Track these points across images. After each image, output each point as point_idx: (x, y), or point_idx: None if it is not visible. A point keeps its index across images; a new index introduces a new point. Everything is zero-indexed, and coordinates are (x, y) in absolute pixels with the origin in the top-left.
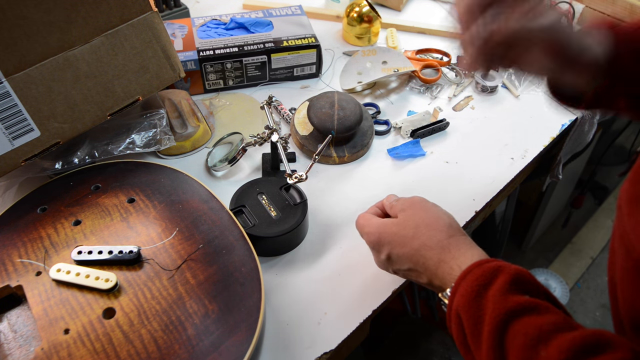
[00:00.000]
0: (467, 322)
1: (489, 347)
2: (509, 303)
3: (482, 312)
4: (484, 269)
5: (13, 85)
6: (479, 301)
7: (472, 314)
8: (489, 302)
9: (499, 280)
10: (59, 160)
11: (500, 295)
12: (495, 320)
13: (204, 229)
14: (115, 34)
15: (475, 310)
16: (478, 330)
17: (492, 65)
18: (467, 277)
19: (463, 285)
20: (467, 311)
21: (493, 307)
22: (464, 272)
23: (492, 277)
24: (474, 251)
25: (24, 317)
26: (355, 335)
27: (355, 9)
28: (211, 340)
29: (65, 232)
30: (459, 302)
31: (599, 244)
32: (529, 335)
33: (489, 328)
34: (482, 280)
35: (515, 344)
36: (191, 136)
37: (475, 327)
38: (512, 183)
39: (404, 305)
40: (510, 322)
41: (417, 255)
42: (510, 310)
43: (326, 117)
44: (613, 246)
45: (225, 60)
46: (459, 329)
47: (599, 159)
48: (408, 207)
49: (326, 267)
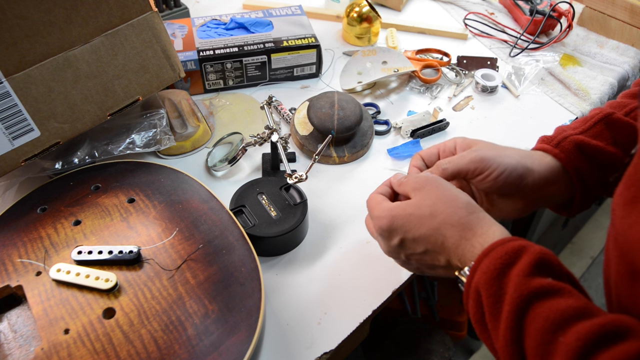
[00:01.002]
0: (487, 300)
1: (507, 327)
2: (532, 284)
3: (503, 291)
4: (507, 248)
5: (13, 85)
6: (501, 280)
7: (493, 292)
8: (511, 282)
9: (522, 261)
10: (59, 160)
11: (524, 276)
12: (516, 301)
13: (204, 229)
14: (115, 34)
15: (497, 288)
16: (497, 309)
17: None
18: (490, 255)
19: (485, 262)
20: (489, 289)
21: (515, 287)
22: (486, 249)
23: (516, 256)
24: (496, 228)
25: (24, 317)
26: (355, 335)
27: (355, 9)
28: (211, 340)
29: (65, 232)
30: (480, 278)
31: (599, 244)
32: (550, 319)
33: (509, 308)
34: (505, 259)
35: (534, 326)
36: (191, 136)
37: (495, 306)
38: None
39: (404, 305)
40: (532, 304)
41: (435, 235)
42: (532, 292)
43: (326, 117)
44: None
45: (225, 60)
46: (477, 305)
47: None
48: (422, 187)
49: (326, 267)
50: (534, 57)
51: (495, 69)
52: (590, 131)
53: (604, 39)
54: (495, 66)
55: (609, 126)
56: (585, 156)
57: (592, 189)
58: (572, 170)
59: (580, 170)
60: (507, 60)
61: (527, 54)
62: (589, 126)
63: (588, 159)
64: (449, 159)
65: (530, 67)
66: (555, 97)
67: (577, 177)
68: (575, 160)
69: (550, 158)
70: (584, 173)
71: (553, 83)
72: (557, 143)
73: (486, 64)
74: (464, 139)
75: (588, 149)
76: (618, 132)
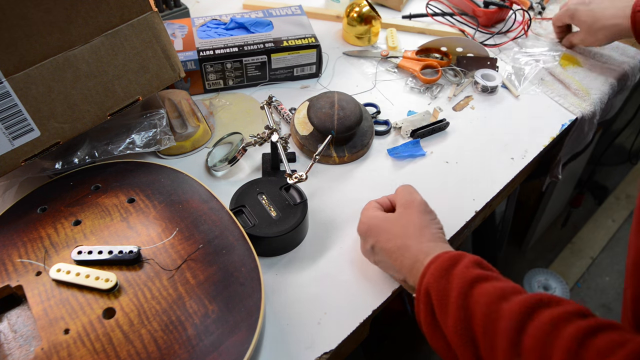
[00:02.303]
0: (436, 296)
1: (456, 309)
2: (473, 273)
3: (450, 284)
4: (449, 255)
5: (13, 85)
6: (446, 277)
7: (441, 287)
8: (456, 276)
9: (463, 261)
10: (59, 160)
11: (465, 269)
12: (462, 286)
13: (204, 229)
14: (115, 34)
15: (444, 283)
16: (445, 300)
17: None
18: (436, 262)
19: (432, 267)
20: (437, 286)
21: (460, 277)
22: (432, 259)
23: (457, 259)
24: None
25: (24, 317)
26: (355, 335)
27: (355, 9)
28: (211, 340)
29: (65, 232)
30: (428, 280)
31: (599, 244)
32: (492, 294)
33: (455, 293)
34: (449, 262)
35: (480, 301)
36: (191, 136)
37: (443, 299)
38: (512, 183)
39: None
40: (475, 285)
41: (397, 252)
42: (474, 277)
43: (326, 117)
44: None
45: (225, 60)
46: (427, 308)
47: (599, 158)
48: (408, 206)
49: (326, 267)
50: (533, 56)
51: (495, 69)
52: None
53: None
54: (495, 66)
55: None
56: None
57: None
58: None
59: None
60: (507, 61)
61: (527, 54)
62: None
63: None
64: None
65: (530, 67)
66: (555, 97)
67: None
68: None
69: None
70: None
71: (553, 83)
72: None
73: (486, 64)
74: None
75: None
76: None
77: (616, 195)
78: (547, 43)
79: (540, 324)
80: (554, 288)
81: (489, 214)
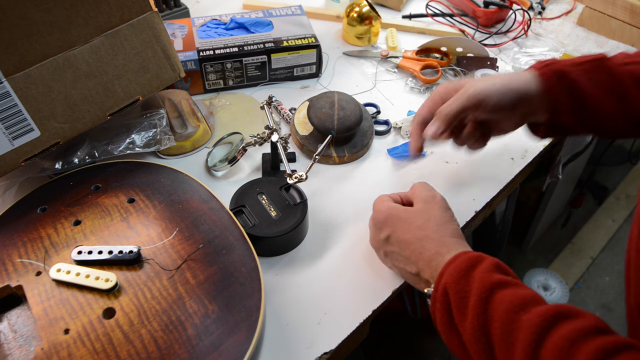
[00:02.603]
0: (454, 296)
1: (475, 314)
2: (494, 278)
3: (469, 287)
4: (469, 256)
5: (13, 85)
6: (466, 278)
7: (460, 288)
8: (475, 279)
9: (483, 264)
10: (59, 160)
11: (486, 273)
12: (481, 290)
13: (204, 229)
14: (115, 34)
15: (463, 285)
16: (464, 303)
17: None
18: (455, 262)
19: (451, 267)
20: (456, 287)
21: (479, 281)
22: (451, 259)
23: (477, 261)
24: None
25: (24, 317)
26: (355, 335)
27: (355, 9)
28: (211, 340)
29: (65, 232)
30: (447, 280)
31: (599, 244)
32: (512, 302)
33: (475, 298)
34: (468, 263)
35: (500, 309)
36: (191, 136)
37: (462, 301)
38: (512, 183)
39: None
40: (495, 291)
41: (416, 244)
42: (495, 283)
43: (326, 117)
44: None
45: (225, 60)
46: (444, 307)
47: (599, 159)
48: (428, 201)
49: (326, 267)
50: (533, 57)
51: (495, 69)
52: (580, 66)
53: (604, 39)
54: (495, 66)
55: (598, 68)
56: (564, 85)
57: (562, 114)
58: (547, 93)
59: (556, 95)
60: (507, 61)
61: (527, 54)
62: (581, 62)
63: (566, 87)
64: (447, 104)
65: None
66: None
67: (551, 100)
68: (554, 85)
69: (535, 78)
70: (558, 98)
71: None
72: (544, 66)
73: (486, 64)
74: (449, 82)
75: (569, 80)
76: (604, 75)
77: (616, 195)
78: (547, 43)
79: (558, 340)
80: (553, 288)
81: (489, 214)
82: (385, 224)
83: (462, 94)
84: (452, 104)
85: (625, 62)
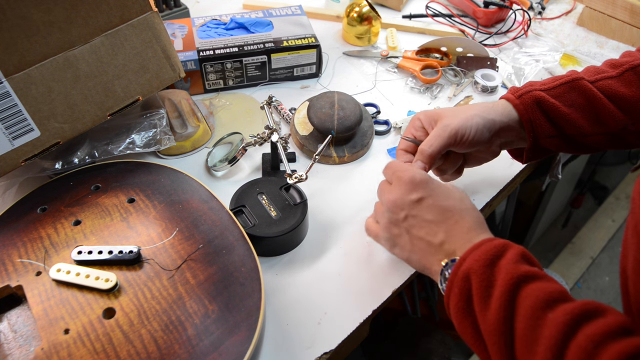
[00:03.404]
0: (478, 285)
1: (500, 306)
2: (521, 269)
3: (494, 277)
4: (495, 243)
5: (13, 85)
6: (491, 268)
7: (485, 277)
8: (502, 269)
9: (509, 253)
10: (59, 160)
11: (513, 264)
12: (508, 282)
13: (204, 229)
14: (115, 34)
15: (489, 275)
16: (488, 292)
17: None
18: (480, 248)
19: (476, 253)
20: (480, 275)
21: (506, 272)
22: (476, 244)
23: (503, 250)
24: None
25: (24, 317)
26: (355, 335)
27: (355, 9)
28: (211, 340)
29: (65, 232)
30: (470, 265)
31: (599, 244)
32: (540, 298)
33: (501, 289)
34: (494, 251)
35: (526, 304)
36: (191, 136)
37: (486, 290)
38: (512, 183)
39: (404, 305)
40: (522, 285)
41: (454, 212)
42: (522, 275)
43: (326, 117)
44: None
45: (225, 60)
46: (463, 293)
47: (599, 159)
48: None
49: (326, 267)
50: (533, 56)
51: (495, 69)
52: (554, 90)
53: (604, 39)
54: (495, 66)
55: (571, 89)
56: (541, 111)
57: (541, 140)
58: (526, 121)
59: (534, 122)
60: (507, 60)
61: (527, 54)
62: (555, 85)
63: (543, 113)
64: (429, 143)
65: (530, 67)
66: None
67: (529, 128)
68: (531, 113)
69: (511, 108)
70: (536, 126)
71: None
72: (520, 95)
73: (486, 64)
74: (425, 114)
75: (545, 105)
76: (578, 96)
77: (616, 195)
78: (547, 43)
79: (582, 341)
80: None
81: (489, 214)
82: (422, 185)
83: (443, 132)
84: (433, 143)
85: (595, 78)
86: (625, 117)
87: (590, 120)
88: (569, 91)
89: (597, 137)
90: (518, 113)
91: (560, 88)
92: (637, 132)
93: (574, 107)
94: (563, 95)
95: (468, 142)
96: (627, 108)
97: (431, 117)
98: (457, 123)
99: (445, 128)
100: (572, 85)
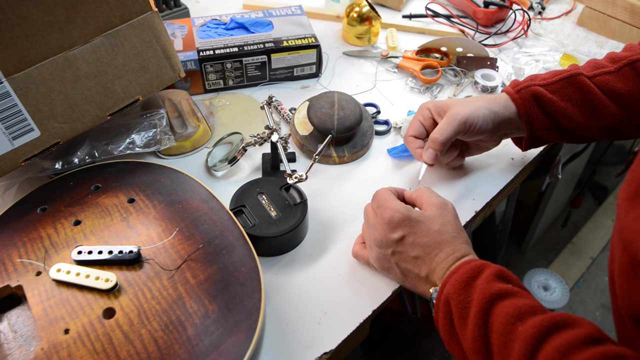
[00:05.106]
0: (456, 307)
1: (475, 325)
2: (494, 288)
3: (470, 298)
4: (472, 265)
5: (13, 85)
6: (467, 290)
7: (461, 299)
8: (477, 289)
9: (485, 273)
10: (59, 160)
11: (486, 283)
12: (481, 302)
13: (204, 229)
14: (115, 34)
15: (465, 296)
16: (465, 313)
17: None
18: (458, 272)
19: (454, 277)
20: (457, 297)
21: (480, 292)
22: (454, 269)
23: (479, 271)
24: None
25: (24, 317)
26: (355, 335)
27: (355, 9)
28: (211, 340)
29: (65, 232)
30: (449, 290)
31: (599, 244)
32: (509, 314)
33: (475, 309)
34: (470, 273)
35: (498, 321)
36: (191, 136)
37: (464, 311)
38: (512, 183)
39: (404, 305)
40: (495, 303)
41: (435, 248)
42: (494, 294)
43: (326, 117)
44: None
45: (225, 60)
46: (447, 316)
47: (599, 159)
48: (442, 208)
49: (326, 267)
50: (533, 56)
51: (495, 69)
52: (552, 85)
53: (604, 39)
54: (495, 66)
55: (569, 84)
56: (538, 105)
57: (538, 131)
58: (523, 114)
59: (531, 115)
60: (507, 60)
61: (527, 54)
62: (554, 81)
63: (540, 108)
64: (440, 131)
65: (530, 67)
66: None
67: (527, 121)
68: (528, 107)
69: (511, 101)
70: (533, 119)
71: None
72: (519, 89)
73: (486, 64)
74: (434, 103)
75: (542, 100)
76: (575, 91)
77: (616, 195)
78: (547, 43)
79: (549, 352)
80: (554, 288)
81: (489, 214)
82: (401, 224)
83: (452, 120)
84: (445, 130)
85: (594, 73)
86: (621, 111)
87: (586, 115)
88: (567, 86)
89: (592, 130)
90: (516, 107)
91: (559, 83)
92: (633, 125)
93: (571, 101)
94: (561, 91)
95: (475, 131)
96: (623, 103)
97: (440, 107)
98: (467, 112)
99: (455, 116)
100: (571, 80)
